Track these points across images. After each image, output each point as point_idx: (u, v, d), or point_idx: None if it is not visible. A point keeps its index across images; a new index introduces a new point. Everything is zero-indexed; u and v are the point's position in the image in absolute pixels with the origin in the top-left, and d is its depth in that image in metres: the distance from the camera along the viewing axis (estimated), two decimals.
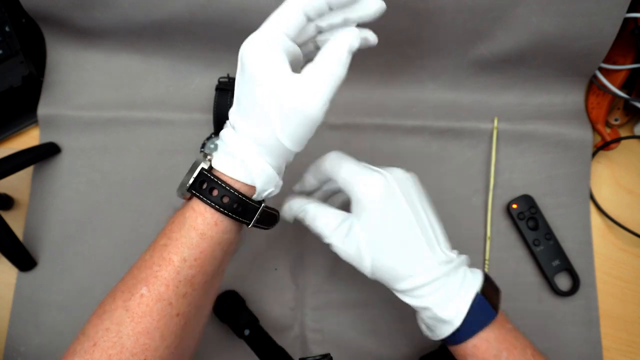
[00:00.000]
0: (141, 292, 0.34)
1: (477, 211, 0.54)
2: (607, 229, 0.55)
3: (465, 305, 0.36)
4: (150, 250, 0.36)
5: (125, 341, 0.33)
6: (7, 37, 0.54)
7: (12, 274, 0.53)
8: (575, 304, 0.52)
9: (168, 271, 0.35)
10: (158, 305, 0.34)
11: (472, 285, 0.37)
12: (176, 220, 0.37)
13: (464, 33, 0.51)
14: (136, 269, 0.36)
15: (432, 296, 0.36)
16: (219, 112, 0.54)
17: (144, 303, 0.34)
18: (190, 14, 0.51)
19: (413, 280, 0.37)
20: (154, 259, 0.36)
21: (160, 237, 0.37)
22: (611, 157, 0.57)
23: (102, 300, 0.36)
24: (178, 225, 0.36)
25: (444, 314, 0.36)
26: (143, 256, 0.37)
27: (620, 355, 0.52)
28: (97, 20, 0.52)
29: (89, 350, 0.33)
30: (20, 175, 0.53)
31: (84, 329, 0.35)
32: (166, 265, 0.35)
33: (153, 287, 0.35)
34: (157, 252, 0.36)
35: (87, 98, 0.56)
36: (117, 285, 0.36)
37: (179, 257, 0.35)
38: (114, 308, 0.34)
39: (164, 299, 0.35)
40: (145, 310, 0.34)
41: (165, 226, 0.37)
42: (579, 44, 0.51)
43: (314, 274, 0.53)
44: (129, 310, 0.34)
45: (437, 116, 0.56)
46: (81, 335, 0.34)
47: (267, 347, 0.46)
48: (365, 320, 0.52)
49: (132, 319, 0.34)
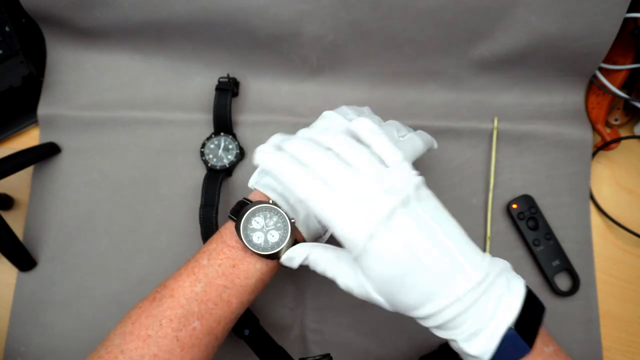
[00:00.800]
0: (193, 326, 0.36)
1: (477, 211, 0.54)
2: (607, 229, 0.55)
3: (494, 342, 0.31)
4: (202, 282, 0.37)
5: None
6: (7, 37, 0.54)
7: (12, 274, 0.53)
8: (575, 304, 0.52)
9: (224, 311, 0.37)
10: (207, 338, 0.37)
11: (505, 314, 0.32)
12: (242, 267, 0.38)
13: (464, 33, 0.51)
14: (184, 299, 0.37)
15: (456, 330, 0.32)
16: (219, 112, 0.54)
17: (195, 336, 0.36)
18: (190, 14, 0.51)
19: (433, 319, 0.33)
20: (210, 296, 0.37)
21: (218, 275, 0.38)
22: (611, 157, 0.57)
23: (141, 321, 0.36)
24: (246, 274, 0.38)
25: (470, 349, 0.32)
26: (192, 287, 0.37)
27: (620, 355, 0.52)
28: (97, 20, 0.52)
29: None
30: (20, 175, 0.53)
31: (122, 348, 0.35)
32: (223, 305, 0.37)
33: (206, 322, 0.36)
34: (214, 290, 0.37)
35: (87, 98, 0.56)
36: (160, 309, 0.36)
37: (238, 300, 0.38)
38: (162, 335, 0.35)
39: (213, 333, 0.37)
40: (194, 342, 0.36)
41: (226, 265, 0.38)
42: (579, 44, 0.51)
43: (314, 274, 0.52)
44: (180, 340, 0.35)
45: (437, 116, 0.56)
46: (119, 354, 0.34)
47: (267, 347, 0.46)
48: (365, 321, 0.52)
49: (181, 349, 0.35)
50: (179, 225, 0.53)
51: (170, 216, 0.54)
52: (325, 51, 0.54)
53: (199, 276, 0.37)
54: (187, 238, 0.53)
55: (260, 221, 0.38)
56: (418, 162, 0.55)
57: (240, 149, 0.54)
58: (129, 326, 0.36)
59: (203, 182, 0.52)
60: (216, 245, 0.39)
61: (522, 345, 0.32)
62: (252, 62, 0.56)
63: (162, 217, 0.54)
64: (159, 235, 0.53)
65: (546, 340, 0.34)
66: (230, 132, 0.54)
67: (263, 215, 0.38)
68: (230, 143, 0.54)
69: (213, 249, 0.39)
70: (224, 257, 0.38)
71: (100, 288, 0.52)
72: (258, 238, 0.38)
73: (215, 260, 0.38)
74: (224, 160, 0.54)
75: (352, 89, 0.57)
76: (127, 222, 0.54)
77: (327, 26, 0.51)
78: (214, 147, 0.54)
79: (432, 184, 0.54)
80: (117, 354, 0.34)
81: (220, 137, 0.54)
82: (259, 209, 0.38)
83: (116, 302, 0.52)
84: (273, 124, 0.56)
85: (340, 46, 0.53)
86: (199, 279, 0.37)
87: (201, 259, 0.39)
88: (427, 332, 0.51)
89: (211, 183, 0.52)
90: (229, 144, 0.54)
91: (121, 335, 0.35)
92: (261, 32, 0.52)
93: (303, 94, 0.57)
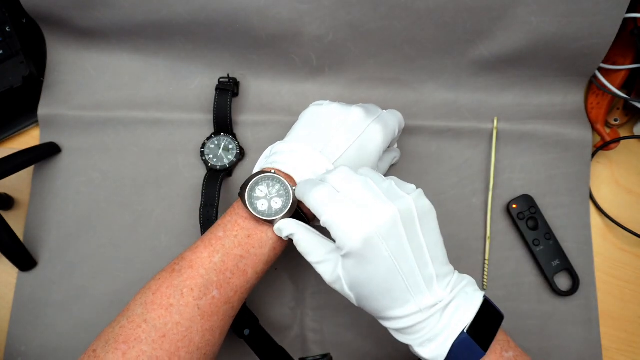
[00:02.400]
0: (213, 294, 0.38)
1: (477, 211, 0.54)
2: (607, 229, 0.55)
3: (445, 347, 0.34)
4: (220, 253, 0.39)
5: (194, 336, 0.36)
6: (8, 37, 0.54)
7: (13, 274, 0.53)
8: (575, 303, 0.52)
9: (240, 280, 0.39)
10: (225, 307, 0.38)
11: (457, 324, 0.35)
12: (256, 236, 0.40)
13: (464, 33, 0.51)
14: (203, 269, 0.38)
15: (412, 336, 0.35)
16: (219, 112, 0.54)
17: (215, 304, 0.37)
18: (190, 14, 0.51)
19: (395, 322, 0.36)
20: (228, 265, 0.39)
21: (235, 245, 0.39)
22: (611, 157, 0.57)
23: (162, 291, 0.37)
24: (259, 243, 0.40)
25: (424, 354, 0.35)
26: (211, 257, 0.39)
27: (620, 354, 0.52)
28: (98, 20, 0.52)
29: (158, 340, 0.35)
30: (20, 175, 0.53)
31: (146, 317, 0.36)
32: (240, 275, 0.39)
33: (224, 291, 0.38)
34: (231, 260, 0.39)
35: (87, 98, 0.56)
36: (180, 279, 0.38)
37: (254, 270, 0.40)
38: (184, 304, 0.37)
39: (230, 302, 0.39)
40: (214, 310, 0.37)
41: (241, 236, 0.40)
42: (578, 44, 0.51)
43: (314, 274, 0.52)
44: (201, 309, 0.37)
45: (436, 116, 0.56)
46: (143, 323, 0.36)
47: (267, 347, 0.46)
48: (365, 321, 0.52)
49: (202, 317, 0.37)
50: (179, 225, 0.53)
51: (170, 216, 0.54)
52: (325, 51, 0.54)
53: (217, 247, 0.39)
54: (187, 238, 0.53)
55: (264, 189, 0.40)
56: (418, 161, 0.55)
57: (241, 149, 0.54)
58: (150, 296, 0.37)
59: (203, 182, 0.52)
60: (230, 217, 0.41)
61: (475, 349, 0.34)
62: (252, 62, 0.56)
63: (162, 217, 0.54)
64: (159, 235, 0.53)
65: (506, 347, 0.36)
66: (230, 132, 0.54)
67: (266, 183, 0.41)
68: (230, 143, 0.54)
69: (228, 221, 0.41)
70: (238, 228, 0.40)
71: (100, 288, 0.52)
72: (262, 205, 0.40)
73: (231, 232, 0.40)
74: (224, 160, 0.54)
75: (351, 89, 0.57)
76: (127, 222, 0.54)
77: (327, 26, 0.51)
78: (214, 147, 0.54)
79: (432, 184, 0.55)
80: (140, 322, 0.36)
81: (220, 137, 0.54)
82: (262, 178, 0.41)
83: (116, 302, 0.51)
84: (273, 124, 0.56)
85: (340, 46, 0.53)
86: (217, 250, 0.39)
87: (217, 232, 0.40)
88: None
89: (211, 183, 0.52)
90: (229, 144, 0.54)
91: (142, 304, 0.37)
92: (261, 32, 0.52)
93: (303, 94, 0.57)
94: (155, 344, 0.35)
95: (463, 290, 0.36)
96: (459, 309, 0.35)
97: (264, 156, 0.46)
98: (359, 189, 0.35)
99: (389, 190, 0.35)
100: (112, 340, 0.35)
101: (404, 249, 0.34)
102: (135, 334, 0.35)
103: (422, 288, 0.35)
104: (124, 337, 0.35)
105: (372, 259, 0.34)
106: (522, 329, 0.51)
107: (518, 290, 0.52)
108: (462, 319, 0.35)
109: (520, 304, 0.52)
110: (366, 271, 0.34)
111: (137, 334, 0.35)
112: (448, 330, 0.34)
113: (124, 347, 0.34)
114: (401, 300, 0.35)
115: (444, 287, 0.35)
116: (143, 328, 0.35)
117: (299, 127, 0.45)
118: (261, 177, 0.40)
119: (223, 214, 0.43)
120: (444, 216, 0.54)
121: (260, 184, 0.40)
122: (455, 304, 0.35)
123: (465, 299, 0.35)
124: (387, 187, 0.36)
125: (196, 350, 0.36)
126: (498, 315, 0.37)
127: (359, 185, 0.35)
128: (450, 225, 0.54)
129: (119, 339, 0.35)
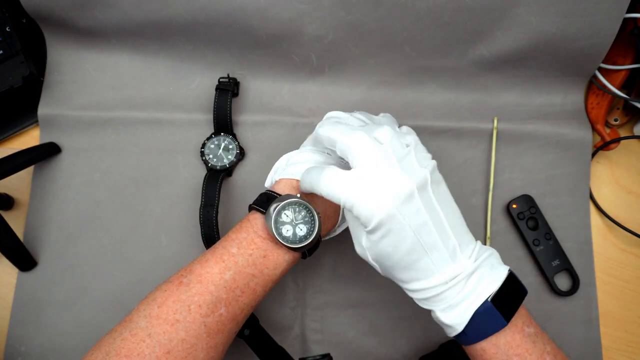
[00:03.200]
0: (220, 312, 0.37)
1: (477, 211, 0.54)
2: (607, 229, 0.55)
3: (467, 314, 0.35)
4: (232, 270, 0.38)
5: (198, 353, 0.36)
6: (8, 37, 0.54)
7: (13, 274, 0.53)
8: (575, 303, 0.52)
9: (249, 299, 0.39)
10: (230, 325, 0.38)
11: (482, 293, 0.35)
12: (271, 256, 0.39)
13: (464, 33, 0.51)
14: (213, 285, 0.37)
15: (436, 303, 0.36)
16: (219, 112, 0.54)
17: (221, 322, 0.37)
18: (190, 14, 0.51)
19: (420, 293, 0.36)
20: (238, 284, 0.38)
21: (248, 264, 0.39)
22: (611, 157, 0.57)
23: (168, 305, 0.36)
24: (274, 265, 0.39)
25: (446, 319, 0.36)
26: (222, 274, 0.38)
27: (620, 354, 0.52)
28: (98, 20, 0.52)
29: (162, 357, 0.34)
30: (20, 175, 0.53)
31: (150, 332, 0.35)
32: (250, 294, 0.38)
33: (232, 309, 0.38)
34: (243, 278, 0.38)
35: (87, 98, 0.56)
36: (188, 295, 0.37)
37: (263, 289, 0.39)
38: (190, 321, 0.36)
39: (236, 320, 0.38)
40: (220, 328, 0.37)
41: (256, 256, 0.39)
42: (578, 44, 0.51)
43: (314, 274, 0.53)
44: (207, 326, 0.36)
45: (436, 116, 0.56)
46: (147, 338, 0.35)
47: (267, 347, 0.46)
48: (365, 320, 0.52)
49: (208, 334, 0.36)
50: (179, 225, 0.53)
51: (170, 216, 0.54)
52: (325, 51, 0.54)
53: (229, 264, 0.38)
54: (187, 238, 0.53)
55: (290, 215, 0.39)
56: None
57: (240, 149, 0.54)
58: (155, 309, 0.36)
59: (203, 182, 0.52)
60: (247, 234, 0.40)
61: (498, 319, 0.35)
62: (252, 62, 0.56)
63: (162, 217, 0.54)
64: (159, 235, 0.53)
65: (528, 322, 0.37)
66: (230, 132, 0.54)
67: (292, 209, 0.39)
68: (230, 143, 0.54)
69: (243, 238, 0.40)
70: (255, 247, 0.39)
71: (101, 288, 0.52)
72: (287, 231, 0.39)
73: (246, 250, 0.39)
74: (224, 160, 0.54)
75: (351, 89, 0.57)
76: (127, 222, 0.54)
77: (326, 26, 0.51)
78: (214, 147, 0.54)
79: None
80: (144, 337, 0.35)
81: (220, 137, 0.54)
82: (289, 204, 0.39)
83: (116, 302, 0.52)
84: (273, 124, 0.56)
85: (340, 46, 0.53)
86: (229, 266, 0.38)
87: (230, 247, 0.39)
88: (427, 332, 0.52)
89: (211, 183, 0.52)
90: (229, 144, 0.54)
91: (147, 318, 0.36)
92: (261, 32, 0.52)
93: (303, 94, 0.57)
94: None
95: (487, 260, 0.36)
96: (484, 278, 0.35)
97: (279, 167, 0.44)
98: (373, 166, 0.34)
99: (406, 161, 0.35)
100: (113, 353, 0.34)
101: (425, 221, 0.34)
102: (138, 349, 0.34)
103: (446, 259, 0.35)
104: (126, 350, 0.34)
105: (394, 234, 0.34)
106: None
107: None
108: (487, 288, 0.35)
109: None
110: (389, 245, 0.35)
111: (140, 349, 0.34)
112: (472, 298, 0.35)
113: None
114: (426, 272, 0.35)
115: (467, 256, 0.36)
116: (147, 343, 0.34)
117: None
118: (288, 202, 0.39)
119: (236, 226, 0.41)
120: None
121: (287, 208, 0.39)
122: (480, 273, 0.35)
123: (490, 269, 0.36)
124: (404, 156, 0.35)
125: None
126: (522, 290, 0.37)
127: (374, 160, 0.35)
128: None
129: (120, 352, 0.34)
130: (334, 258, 0.53)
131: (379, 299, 0.52)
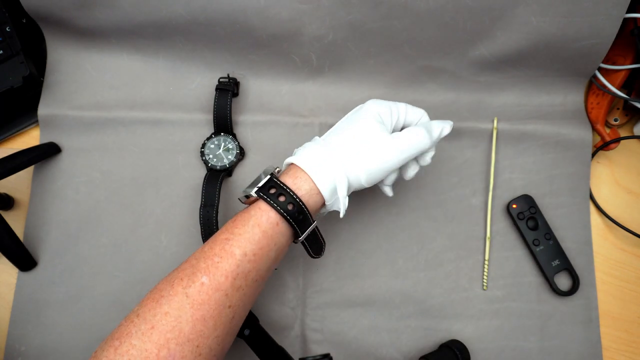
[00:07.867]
0: (202, 281, 0.36)
1: (477, 211, 0.54)
2: (607, 229, 0.55)
3: None
4: (210, 242, 0.39)
5: (183, 326, 0.35)
6: (8, 38, 0.54)
7: (13, 274, 0.53)
8: (575, 303, 0.52)
9: (229, 263, 0.38)
10: (216, 294, 0.37)
11: None
12: (239, 218, 0.40)
13: (464, 33, 0.51)
14: (194, 260, 0.38)
15: None
16: (219, 112, 0.54)
17: (204, 291, 0.36)
18: (190, 14, 0.51)
19: None
20: (215, 250, 0.38)
21: (221, 232, 0.39)
22: (611, 157, 0.57)
23: (157, 287, 0.37)
24: (242, 222, 0.39)
25: None
26: (202, 248, 0.39)
27: (620, 354, 0.52)
28: (98, 20, 0.53)
29: (147, 332, 0.34)
30: (20, 175, 0.53)
31: (138, 312, 0.36)
32: (227, 257, 0.38)
33: (213, 277, 0.37)
34: (219, 244, 0.38)
35: (87, 98, 0.56)
36: (173, 274, 0.38)
37: (241, 250, 0.38)
38: (172, 294, 0.36)
39: (222, 289, 0.37)
40: (204, 298, 0.36)
41: (227, 224, 0.40)
42: (578, 44, 0.51)
43: (315, 274, 0.53)
44: (189, 297, 0.36)
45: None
46: (135, 318, 0.35)
47: (267, 347, 0.46)
48: (365, 320, 0.52)
49: (191, 305, 0.36)
50: (179, 225, 0.53)
51: (170, 216, 0.54)
52: (325, 51, 0.54)
53: (209, 241, 0.39)
54: (187, 238, 0.53)
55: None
56: None
57: (240, 149, 0.54)
58: (147, 294, 0.37)
59: (203, 182, 0.52)
60: None
61: None
62: (252, 62, 0.56)
63: (162, 217, 0.54)
64: (158, 235, 0.53)
65: None
66: (230, 132, 0.54)
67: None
68: (230, 143, 0.54)
69: None
70: (229, 220, 0.40)
71: (101, 288, 0.52)
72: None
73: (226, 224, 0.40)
74: (224, 160, 0.54)
75: (351, 89, 0.57)
76: (127, 222, 0.54)
77: (327, 26, 0.51)
78: (214, 147, 0.54)
79: (432, 184, 0.55)
80: (133, 318, 0.36)
81: (220, 137, 0.54)
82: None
83: (116, 302, 0.52)
84: (273, 124, 0.56)
85: (340, 46, 0.53)
86: (208, 242, 0.39)
87: None
88: (427, 332, 0.52)
89: (211, 183, 0.52)
90: (229, 144, 0.54)
91: (139, 303, 0.37)
92: (261, 32, 0.52)
93: (303, 94, 0.57)
94: (144, 336, 0.34)
95: None
96: None
97: None
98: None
99: None
100: (108, 339, 0.35)
101: None
102: (125, 330, 0.35)
103: None
104: (118, 333, 0.35)
105: None
106: (522, 329, 0.51)
107: (518, 290, 0.52)
108: None
109: (520, 304, 0.52)
110: None
111: (127, 329, 0.35)
112: None
113: (117, 343, 0.34)
114: None
115: None
116: (135, 322, 0.35)
117: None
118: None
119: None
120: (444, 216, 0.54)
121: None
122: None
123: None
124: None
125: (187, 341, 0.35)
126: None
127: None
128: (450, 225, 0.54)
129: (114, 336, 0.35)
130: (334, 258, 0.53)
131: (379, 299, 0.52)
